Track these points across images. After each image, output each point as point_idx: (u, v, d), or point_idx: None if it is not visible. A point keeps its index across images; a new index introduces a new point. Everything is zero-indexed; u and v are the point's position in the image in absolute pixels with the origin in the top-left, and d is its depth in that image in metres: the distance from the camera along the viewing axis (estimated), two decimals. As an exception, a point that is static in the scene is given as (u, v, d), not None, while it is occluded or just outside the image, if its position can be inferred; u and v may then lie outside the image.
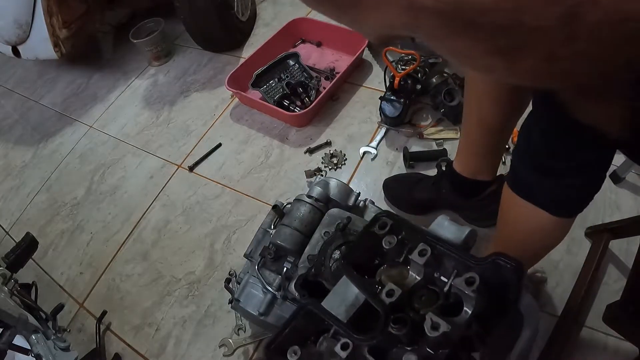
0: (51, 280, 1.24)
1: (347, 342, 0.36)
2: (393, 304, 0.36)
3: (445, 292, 0.36)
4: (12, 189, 1.52)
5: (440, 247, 0.36)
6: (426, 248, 0.36)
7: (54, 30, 1.49)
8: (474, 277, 0.32)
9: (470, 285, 0.32)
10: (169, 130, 1.53)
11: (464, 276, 0.33)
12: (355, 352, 0.36)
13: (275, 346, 0.40)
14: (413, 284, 0.37)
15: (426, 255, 0.36)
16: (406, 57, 1.29)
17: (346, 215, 0.77)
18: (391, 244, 0.38)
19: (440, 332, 0.32)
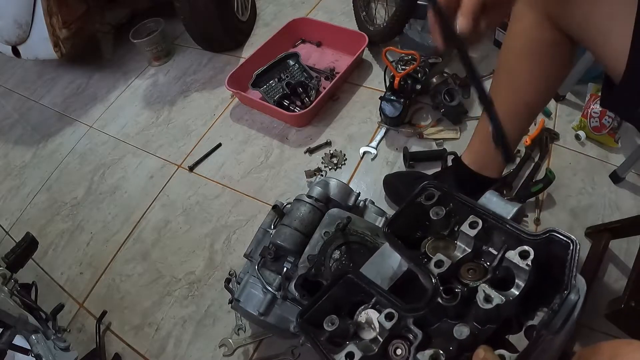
0: (51, 280, 1.24)
1: (392, 312, 0.34)
2: (441, 275, 0.35)
3: (494, 266, 0.34)
4: (12, 189, 1.52)
5: (492, 220, 0.35)
6: (477, 220, 0.35)
7: (54, 30, 1.49)
8: (529, 250, 0.32)
9: (524, 258, 0.31)
10: (169, 130, 1.53)
11: (517, 249, 0.32)
12: (400, 324, 0.34)
13: (308, 316, 0.39)
14: (461, 257, 0.36)
15: (477, 227, 0.35)
16: (406, 57, 1.29)
17: (346, 215, 0.77)
18: (439, 215, 0.37)
19: (493, 304, 0.31)
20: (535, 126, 1.20)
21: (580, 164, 1.14)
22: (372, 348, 0.34)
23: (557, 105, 1.28)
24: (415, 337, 0.33)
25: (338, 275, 0.39)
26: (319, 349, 0.36)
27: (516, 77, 0.77)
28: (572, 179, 1.11)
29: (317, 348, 0.36)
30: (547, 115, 1.25)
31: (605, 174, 1.10)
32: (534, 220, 1.05)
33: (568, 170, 1.13)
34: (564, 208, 1.06)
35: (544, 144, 1.17)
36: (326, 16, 1.73)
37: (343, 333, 0.37)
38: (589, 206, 1.06)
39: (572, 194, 1.08)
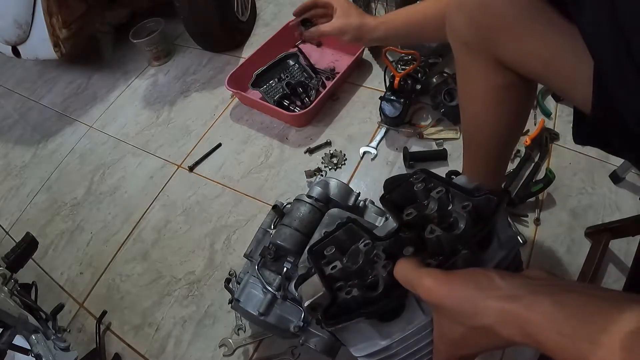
0: (51, 280, 1.24)
1: (368, 242, 0.46)
2: (409, 222, 0.45)
3: (451, 221, 0.44)
4: (12, 189, 1.52)
5: (453, 189, 0.46)
6: (442, 188, 0.46)
7: (54, 30, 1.49)
8: (468, 203, 0.42)
9: (464, 208, 0.42)
10: (169, 130, 1.53)
11: (462, 203, 0.43)
12: (373, 251, 0.45)
13: (316, 249, 0.50)
14: (427, 214, 0.46)
15: (441, 193, 0.45)
16: (406, 57, 1.29)
17: (346, 215, 0.77)
18: (419, 188, 0.48)
19: (434, 235, 0.41)
20: (535, 126, 1.20)
21: (580, 164, 1.14)
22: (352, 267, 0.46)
23: (557, 105, 1.28)
24: (380, 259, 0.44)
25: (343, 222, 0.51)
26: (317, 264, 0.48)
27: (481, 124, 0.74)
28: (572, 179, 1.11)
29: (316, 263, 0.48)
30: (547, 115, 1.25)
31: (605, 174, 1.10)
32: (534, 220, 1.05)
33: (568, 170, 1.13)
34: (564, 208, 1.06)
35: (544, 144, 1.17)
36: (326, 16, 1.73)
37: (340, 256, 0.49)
38: (589, 206, 1.06)
39: (572, 194, 1.09)
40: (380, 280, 0.42)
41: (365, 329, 0.43)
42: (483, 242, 0.42)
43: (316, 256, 0.50)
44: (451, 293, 0.35)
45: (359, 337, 0.45)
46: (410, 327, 0.43)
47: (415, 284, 0.37)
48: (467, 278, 0.35)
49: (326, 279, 0.46)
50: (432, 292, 0.36)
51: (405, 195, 0.51)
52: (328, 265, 0.47)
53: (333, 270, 0.46)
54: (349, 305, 0.43)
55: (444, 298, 0.35)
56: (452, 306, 0.35)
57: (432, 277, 0.36)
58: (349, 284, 0.44)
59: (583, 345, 0.27)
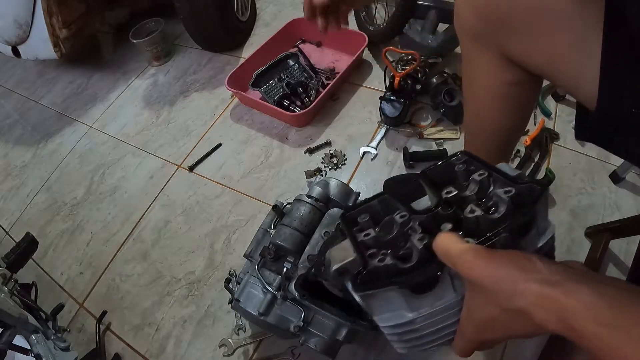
0: (51, 280, 1.24)
1: (405, 214, 0.45)
2: (448, 200, 0.45)
3: (490, 205, 0.43)
4: (12, 189, 1.52)
5: (496, 174, 0.45)
6: (484, 172, 0.45)
7: (54, 30, 1.49)
8: (511, 189, 0.41)
9: (507, 193, 0.41)
10: (169, 130, 1.53)
11: (503, 188, 0.42)
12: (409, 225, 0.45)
13: (350, 215, 0.50)
14: (467, 195, 0.46)
15: (483, 176, 0.45)
16: (406, 57, 1.29)
17: (346, 215, 0.77)
18: (460, 169, 0.48)
19: (474, 215, 0.40)
20: (535, 126, 1.20)
21: (580, 164, 1.14)
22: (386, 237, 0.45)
23: (557, 105, 1.28)
24: (416, 232, 0.43)
25: (378, 193, 0.51)
26: (349, 230, 0.48)
27: (484, 119, 0.75)
28: (572, 179, 1.11)
29: (348, 230, 0.48)
30: (547, 115, 1.25)
31: (605, 174, 1.10)
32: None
33: (568, 170, 1.13)
34: (564, 208, 1.06)
35: (544, 144, 1.17)
36: (326, 16, 1.73)
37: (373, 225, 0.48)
38: (589, 206, 1.06)
39: (572, 194, 1.09)
40: (415, 252, 0.42)
41: (394, 298, 0.43)
42: (523, 228, 0.41)
43: (349, 222, 0.49)
44: (491, 271, 0.34)
45: (386, 306, 0.44)
46: (439, 304, 0.43)
47: (456, 258, 0.37)
48: (509, 258, 0.35)
49: (358, 245, 0.45)
50: (472, 267, 0.35)
51: (444, 174, 0.50)
52: (361, 233, 0.47)
53: (366, 238, 0.46)
54: (380, 273, 0.42)
55: (483, 275, 0.35)
56: (491, 284, 0.34)
57: (473, 252, 0.36)
58: (381, 253, 0.44)
59: (619, 335, 0.27)
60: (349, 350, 0.93)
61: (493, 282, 0.34)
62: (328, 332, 0.76)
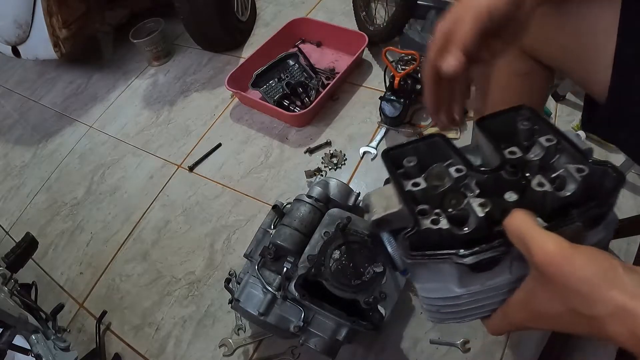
0: (51, 280, 1.24)
1: (462, 168, 0.39)
2: (511, 159, 0.39)
3: (554, 178, 0.38)
4: (12, 189, 1.52)
5: (566, 142, 0.40)
6: (553, 138, 0.40)
7: (54, 30, 1.49)
8: (585, 168, 0.37)
9: (579, 172, 0.37)
10: (169, 130, 1.53)
11: (576, 165, 0.37)
12: (464, 180, 0.39)
13: (393, 153, 0.43)
14: (530, 159, 0.40)
15: (551, 142, 0.39)
16: (406, 57, 1.29)
17: (346, 215, 0.77)
18: (525, 126, 0.42)
19: (543, 189, 0.36)
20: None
21: (580, 164, 1.14)
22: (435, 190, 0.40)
23: (557, 105, 1.28)
24: (472, 193, 0.38)
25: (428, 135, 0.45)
26: (393, 173, 0.41)
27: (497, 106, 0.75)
28: (572, 179, 1.11)
29: (392, 173, 0.41)
30: (547, 115, 1.25)
31: (605, 174, 1.10)
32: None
33: (568, 170, 1.13)
34: (564, 208, 1.06)
35: (544, 144, 1.17)
36: (326, 16, 1.73)
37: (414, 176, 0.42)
38: (589, 206, 1.06)
39: (572, 194, 1.08)
40: (472, 218, 0.37)
41: (446, 271, 0.38)
42: (597, 220, 0.37)
43: (392, 162, 0.42)
44: (573, 269, 0.32)
45: (434, 276, 0.39)
46: (490, 283, 0.39)
47: (534, 247, 0.33)
48: (593, 259, 0.32)
49: (406, 196, 0.39)
50: (552, 260, 0.32)
51: (502, 128, 0.44)
52: (408, 180, 0.40)
53: (415, 189, 0.39)
54: (430, 237, 0.37)
55: (563, 272, 0.32)
56: (569, 283, 0.32)
57: (556, 243, 0.33)
58: (434, 212, 0.37)
59: None
60: (349, 350, 0.93)
61: (572, 282, 0.32)
62: (328, 332, 0.76)
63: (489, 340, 0.90)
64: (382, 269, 0.71)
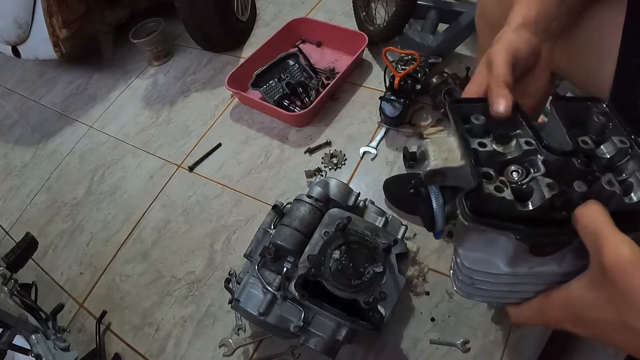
0: (51, 280, 1.24)
1: (530, 141, 0.37)
2: (583, 149, 0.37)
3: (619, 180, 0.36)
4: (12, 189, 1.52)
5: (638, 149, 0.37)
6: (626, 141, 0.37)
7: (54, 30, 1.49)
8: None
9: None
10: (169, 130, 1.53)
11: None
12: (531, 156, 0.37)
13: (461, 105, 0.40)
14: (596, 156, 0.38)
15: (624, 145, 0.37)
16: (406, 57, 1.29)
17: (346, 215, 0.77)
18: (600, 120, 0.39)
19: (612, 189, 0.33)
20: (535, 126, 1.19)
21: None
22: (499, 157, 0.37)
23: (557, 105, 1.28)
24: (537, 171, 0.36)
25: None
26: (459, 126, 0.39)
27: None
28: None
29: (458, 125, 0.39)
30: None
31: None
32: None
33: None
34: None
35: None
36: (326, 16, 1.73)
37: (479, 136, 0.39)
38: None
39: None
40: (536, 197, 0.34)
41: (502, 244, 0.36)
42: None
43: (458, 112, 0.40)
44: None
45: (486, 248, 0.37)
46: (538, 270, 0.37)
47: (606, 244, 0.31)
48: None
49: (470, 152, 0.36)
50: (624, 266, 0.30)
51: (575, 115, 0.41)
52: (474, 138, 0.37)
53: (481, 149, 0.37)
54: (490, 204, 0.34)
55: (632, 281, 0.30)
56: (634, 295, 0.29)
57: (632, 249, 0.30)
58: (499, 179, 0.35)
59: None
60: (349, 350, 0.93)
61: (638, 296, 0.29)
62: (328, 332, 0.76)
63: (489, 340, 0.90)
64: (382, 268, 0.71)
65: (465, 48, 1.42)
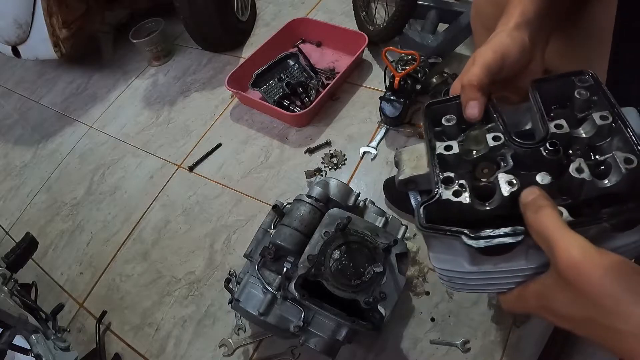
0: (51, 280, 1.24)
1: (499, 136, 0.37)
2: (556, 135, 0.37)
3: (600, 160, 0.35)
4: (12, 189, 1.52)
5: (622, 124, 0.36)
6: (608, 115, 0.36)
7: (54, 30, 1.49)
8: (634, 159, 0.33)
9: (627, 163, 0.33)
10: (169, 130, 1.53)
11: (625, 154, 0.34)
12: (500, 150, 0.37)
13: (435, 108, 0.42)
14: (577, 137, 0.37)
15: (605, 121, 0.36)
16: (406, 57, 1.29)
17: (346, 215, 0.77)
18: (582, 96, 0.39)
19: (581, 176, 0.33)
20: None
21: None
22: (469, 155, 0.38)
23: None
24: (506, 165, 0.36)
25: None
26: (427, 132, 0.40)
27: None
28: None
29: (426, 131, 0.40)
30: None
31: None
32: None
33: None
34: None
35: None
36: (326, 16, 1.73)
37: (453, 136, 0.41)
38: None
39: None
40: (497, 195, 0.35)
41: (458, 247, 0.37)
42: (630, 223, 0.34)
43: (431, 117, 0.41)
44: (597, 279, 0.30)
45: (447, 249, 0.39)
46: (502, 266, 0.37)
47: (556, 247, 0.31)
48: (620, 270, 0.30)
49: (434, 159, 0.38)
50: (575, 266, 0.30)
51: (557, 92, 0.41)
52: (442, 142, 0.39)
53: (447, 153, 0.38)
54: (451, 209, 0.36)
55: (586, 280, 0.30)
56: (592, 293, 0.30)
57: (581, 249, 0.31)
58: (458, 183, 0.36)
59: None
60: (349, 350, 0.93)
61: (594, 293, 0.30)
62: (328, 332, 0.76)
63: (489, 340, 0.90)
64: (382, 269, 0.71)
65: (465, 48, 1.42)
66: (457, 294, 0.96)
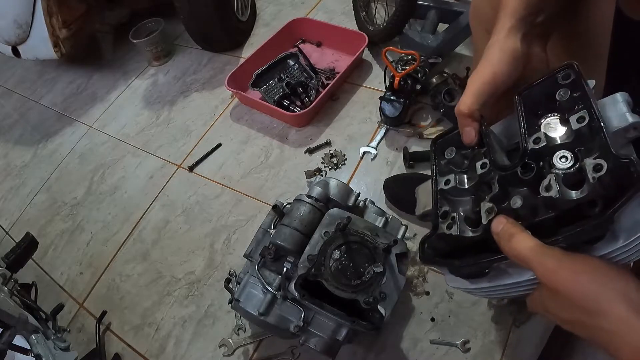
0: (51, 280, 1.24)
1: (486, 163, 0.42)
2: (535, 150, 0.39)
3: (576, 170, 0.35)
4: (12, 189, 1.52)
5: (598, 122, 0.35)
6: (585, 116, 0.36)
7: (54, 30, 1.49)
8: (602, 165, 0.32)
9: (596, 171, 0.32)
10: (169, 130, 1.53)
11: (594, 160, 0.33)
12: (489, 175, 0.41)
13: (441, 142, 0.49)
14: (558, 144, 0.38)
15: (582, 123, 0.36)
16: (406, 57, 1.29)
17: (346, 215, 0.77)
18: (562, 97, 0.39)
19: (549, 194, 0.34)
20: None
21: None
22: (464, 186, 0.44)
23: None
24: (490, 192, 0.40)
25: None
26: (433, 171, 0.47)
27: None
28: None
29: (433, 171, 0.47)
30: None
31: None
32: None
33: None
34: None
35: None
36: (326, 16, 1.73)
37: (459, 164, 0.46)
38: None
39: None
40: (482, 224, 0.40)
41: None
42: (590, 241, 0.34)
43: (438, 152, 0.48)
44: (575, 285, 0.32)
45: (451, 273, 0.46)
46: (496, 282, 0.42)
47: (532, 266, 0.34)
48: (596, 272, 0.31)
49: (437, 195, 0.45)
50: (553, 276, 0.33)
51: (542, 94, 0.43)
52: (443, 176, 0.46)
53: (446, 187, 0.44)
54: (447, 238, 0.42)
55: (567, 287, 0.32)
56: (573, 297, 0.32)
57: (554, 258, 0.33)
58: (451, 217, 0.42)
59: None
60: (349, 350, 0.93)
61: (575, 296, 0.32)
62: (328, 332, 0.76)
63: (489, 340, 0.90)
64: (382, 269, 0.71)
65: (465, 48, 1.42)
66: (457, 295, 0.96)
